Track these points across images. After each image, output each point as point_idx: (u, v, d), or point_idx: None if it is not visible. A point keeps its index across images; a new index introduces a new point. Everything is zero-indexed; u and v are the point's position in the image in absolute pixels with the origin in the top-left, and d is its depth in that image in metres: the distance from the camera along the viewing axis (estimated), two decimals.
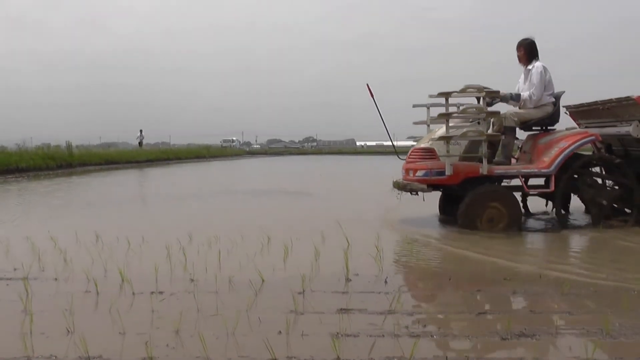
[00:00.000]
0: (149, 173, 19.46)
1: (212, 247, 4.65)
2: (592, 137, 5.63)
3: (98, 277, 3.65)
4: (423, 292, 3.53)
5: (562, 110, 6.34)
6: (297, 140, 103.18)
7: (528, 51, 5.84)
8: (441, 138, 5.49)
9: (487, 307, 3.06)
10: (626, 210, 5.74)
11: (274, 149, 68.60)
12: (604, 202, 5.55)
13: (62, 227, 6.04)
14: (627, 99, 5.35)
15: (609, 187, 5.82)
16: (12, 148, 19.40)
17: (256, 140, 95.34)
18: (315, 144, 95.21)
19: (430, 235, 5.36)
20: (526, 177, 5.62)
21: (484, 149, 5.38)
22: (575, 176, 5.68)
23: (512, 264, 4.07)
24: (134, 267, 4.02)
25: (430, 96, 5.41)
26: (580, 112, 6.36)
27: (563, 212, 5.87)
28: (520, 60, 5.91)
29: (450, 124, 5.48)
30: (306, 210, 7.61)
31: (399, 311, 2.87)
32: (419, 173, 5.52)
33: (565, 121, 6.15)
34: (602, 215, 5.57)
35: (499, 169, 5.48)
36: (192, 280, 3.62)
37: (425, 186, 5.53)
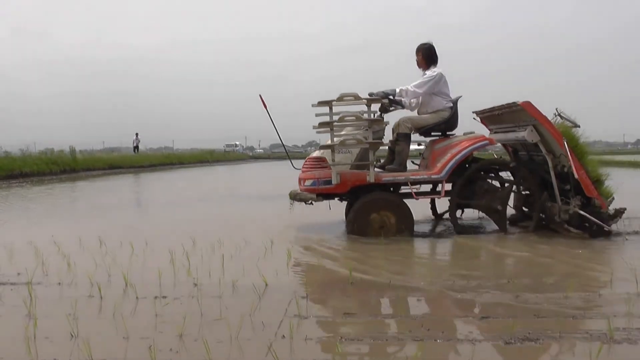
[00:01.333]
0: (152, 178, 19.49)
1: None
2: (485, 142, 5.59)
3: (102, 281, 3.65)
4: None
5: (473, 116, 6.37)
6: (300, 145, 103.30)
7: (426, 56, 5.79)
8: (323, 147, 5.47)
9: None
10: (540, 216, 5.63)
11: (277, 154, 68.60)
12: (499, 208, 5.50)
13: (66, 232, 6.04)
14: (513, 104, 5.35)
15: (516, 192, 5.85)
16: (15, 153, 19.48)
17: (259, 145, 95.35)
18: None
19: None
20: (417, 183, 5.56)
21: (370, 157, 5.35)
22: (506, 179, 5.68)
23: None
24: (138, 271, 4.03)
25: (313, 105, 5.34)
26: (487, 118, 6.30)
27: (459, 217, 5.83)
28: (418, 65, 5.85)
29: (342, 132, 5.46)
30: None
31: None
32: (307, 182, 5.50)
33: (467, 126, 6.05)
34: (503, 220, 5.52)
35: (387, 176, 5.46)
36: (195, 284, 3.63)
37: (314, 196, 5.51)
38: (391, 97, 5.64)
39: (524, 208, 6.11)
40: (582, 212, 5.16)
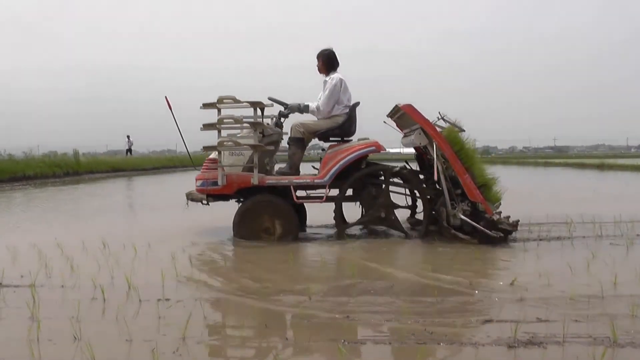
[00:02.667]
0: (154, 180, 19.50)
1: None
2: (371, 149, 5.56)
3: (105, 283, 3.65)
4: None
5: (384, 120, 6.33)
6: None
7: (326, 62, 5.80)
8: (205, 148, 5.52)
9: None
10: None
11: (279, 157, 68.55)
12: (382, 215, 5.52)
13: (68, 233, 6.05)
14: (397, 107, 5.32)
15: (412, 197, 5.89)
16: (19, 156, 19.51)
17: None
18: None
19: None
20: (301, 187, 5.56)
21: (255, 159, 5.40)
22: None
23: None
24: (141, 273, 4.04)
25: (200, 108, 5.43)
26: (397, 122, 6.29)
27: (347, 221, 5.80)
28: (319, 70, 5.86)
29: (239, 134, 5.54)
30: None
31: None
32: (198, 183, 5.59)
33: (367, 132, 6.00)
34: (396, 224, 5.57)
35: (271, 179, 5.48)
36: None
37: (204, 196, 5.58)
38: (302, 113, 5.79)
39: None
40: (462, 217, 5.14)
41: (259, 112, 5.65)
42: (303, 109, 5.80)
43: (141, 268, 4.28)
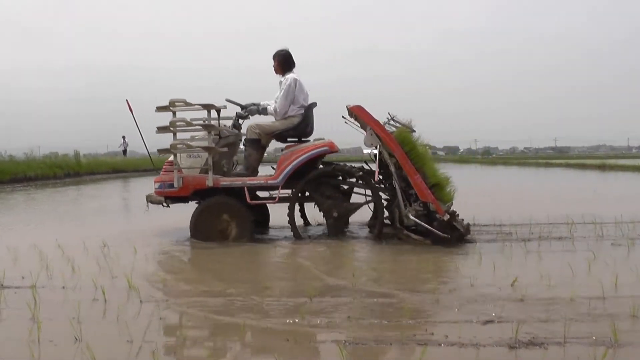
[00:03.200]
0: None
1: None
2: (324, 149, 5.58)
3: (106, 284, 3.66)
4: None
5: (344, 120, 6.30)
6: None
7: (282, 62, 5.83)
8: (160, 151, 5.57)
9: None
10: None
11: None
12: (335, 215, 5.55)
13: (70, 234, 6.04)
14: (348, 108, 5.31)
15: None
16: (20, 157, 19.51)
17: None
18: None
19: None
20: (254, 188, 5.58)
21: (209, 161, 5.45)
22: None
23: None
24: (141, 274, 4.04)
25: (155, 111, 5.47)
26: (358, 121, 6.24)
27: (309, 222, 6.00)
28: (275, 71, 5.89)
29: (197, 137, 5.60)
30: None
31: None
32: (156, 185, 5.64)
33: (323, 132, 6.00)
34: (337, 226, 5.59)
35: (225, 181, 5.51)
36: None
37: (163, 198, 5.63)
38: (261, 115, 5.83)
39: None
40: (412, 218, 5.15)
41: (215, 114, 5.72)
42: (262, 110, 5.83)
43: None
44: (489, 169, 28.86)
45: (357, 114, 5.37)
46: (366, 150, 5.79)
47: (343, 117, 5.69)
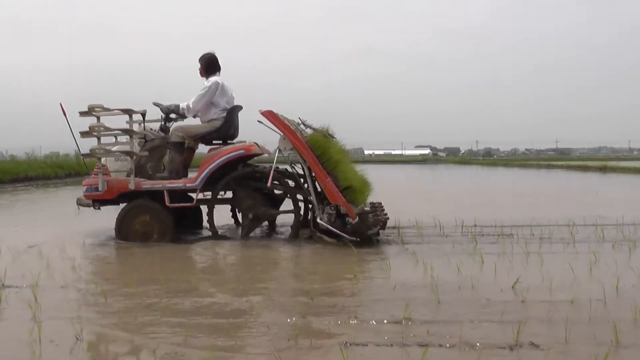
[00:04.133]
0: None
1: None
2: (240, 152, 5.63)
3: (106, 284, 3.66)
4: None
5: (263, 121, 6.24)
6: None
7: (205, 66, 5.91)
8: (84, 156, 5.69)
9: None
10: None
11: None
12: (251, 216, 5.62)
13: (70, 235, 6.05)
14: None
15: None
16: (21, 157, 19.53)
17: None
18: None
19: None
20: (174, 191, 5.60)
21: (130, 165, 5.57)
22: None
23: None
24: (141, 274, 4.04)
25: (79, 116, 5.56)
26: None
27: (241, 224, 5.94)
28: (200, 74, 5.95)
29: (124, 141, 5.67)
30: None
31: None
32: (84, 189, 5.75)
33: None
34: (252, 227, 5.69)
35: (147, 184, 5.59)
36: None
37: (91, 201, 5.73)
38: (174, 114, 5.91)
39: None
40: (320, 221, 5.24)
41: (141, 117, 5.83)
42: (173, 109, 5.88)
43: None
44: (491, 171, 28.85)
45: (268, 119, 5.40)
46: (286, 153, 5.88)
47: (259, 120, 5.69)
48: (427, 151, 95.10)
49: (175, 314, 3.08)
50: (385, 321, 2.92)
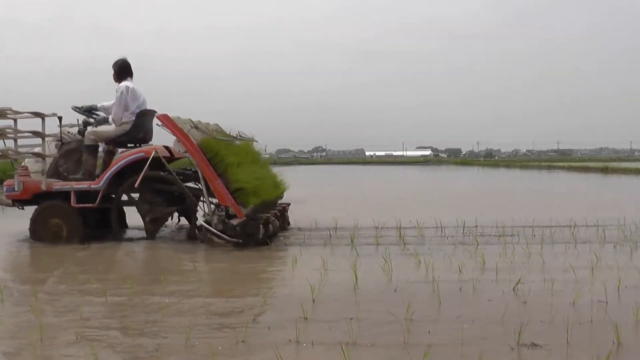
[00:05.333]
0: None
1: None
2: (139, 155, 5.70)
3: (108, 284, 3.67)
4: None
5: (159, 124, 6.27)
6: (306, 150, 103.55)
7: (117, 72, 6.02)
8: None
9: None
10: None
11: (283, 159, 68.76)
12: (149, 218, 5.71)
13: None
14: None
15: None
16: None
17: (265, 150, 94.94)
18: (324, 153, 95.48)
19: None
20: (81, 192, 5.68)
21: (43, 166, 5.70)
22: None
23: None
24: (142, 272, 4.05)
25: None
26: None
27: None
28: (114, 79, 6.05)
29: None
30: None
31: None
32: (4, 189, 5.90)
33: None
34: (155, 229, 5.80)
35: (57, 185, 5.70)
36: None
37: (10, 201, 5.87)
38: (94, 116, 6.08)
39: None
40: (203, 224, 5.37)
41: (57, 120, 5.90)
42: (100, 121, 6.02)
43: None
44: (492, 172, 28.83)
45: (163, 122, 5.49)
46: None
47: (157, 124, 5.74)
48: (428, 152, 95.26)
49: None
50: (386, 321, 2.92)
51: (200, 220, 5.47)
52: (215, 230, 5.24)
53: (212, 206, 5.43)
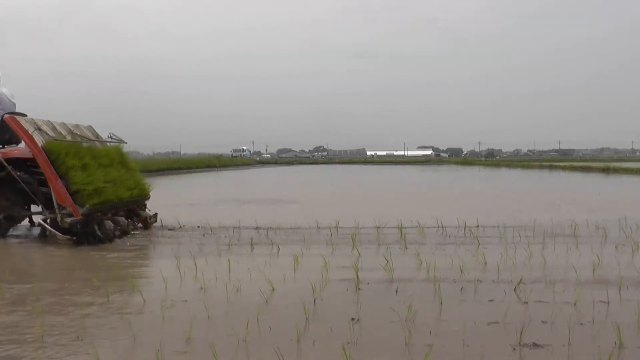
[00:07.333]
0: (160, 182, 19.52)
1: None
2: None
3: (109, 284, 3.67)
4: None
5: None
6: (307, 150, 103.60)
7: None
8: None
9: None
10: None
11: (285, 159, 68.77)
12: (2, 216, 5.86)
13: None
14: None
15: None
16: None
17: (266, 150, 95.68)
18: (325, 153, 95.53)
19: None
20: None
21: None
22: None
23: None
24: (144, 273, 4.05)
25: None
26: None
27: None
28: None
29: None
30: None
31: None
32: None
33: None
34: (5, 227, 5.93)
35: None
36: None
37: None
38: None
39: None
40: (41, 222, 5.71)
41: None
42: None
43: None
44: (493, 171, 28.82)
45: (10, 125, 5.67)
46: None
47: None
48: (429, 152, 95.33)
49: None
50: (387, 321, 2.92)
51: (39, 218, 5.80)
52: (48, 227, 5.58)
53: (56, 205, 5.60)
